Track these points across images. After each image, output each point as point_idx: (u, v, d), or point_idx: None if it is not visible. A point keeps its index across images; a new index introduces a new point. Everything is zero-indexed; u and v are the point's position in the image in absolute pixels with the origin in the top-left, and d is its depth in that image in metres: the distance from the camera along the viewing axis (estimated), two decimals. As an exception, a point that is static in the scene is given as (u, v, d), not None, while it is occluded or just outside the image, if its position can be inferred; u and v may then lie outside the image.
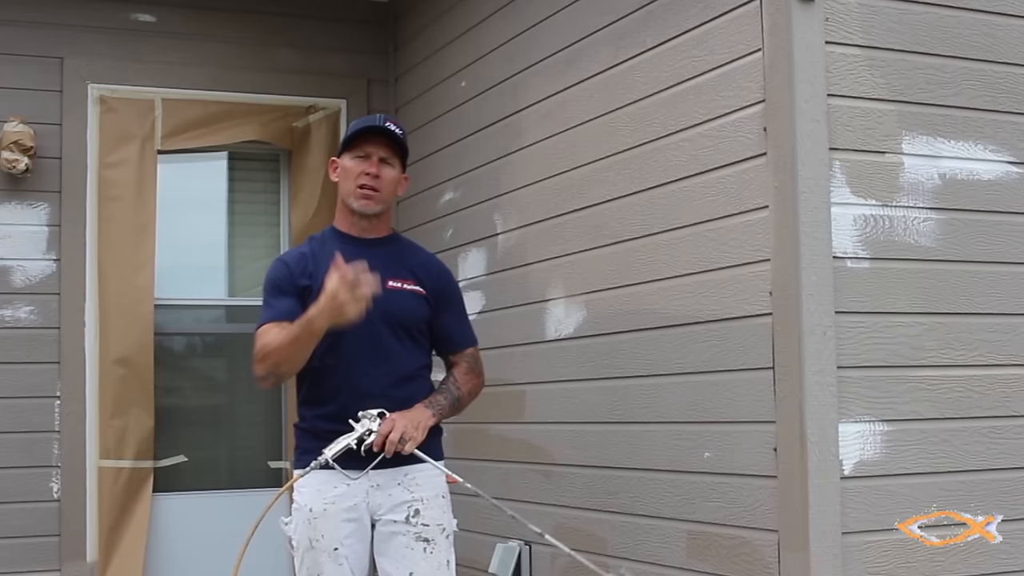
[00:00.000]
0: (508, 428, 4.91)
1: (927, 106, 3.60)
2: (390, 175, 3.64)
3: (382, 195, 3.63)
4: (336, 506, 3.50)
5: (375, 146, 3.62)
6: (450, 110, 5.54)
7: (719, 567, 3.70)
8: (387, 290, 3.54)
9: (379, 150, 3.62)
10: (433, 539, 3.55)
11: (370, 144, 3.62)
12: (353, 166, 3.62)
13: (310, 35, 6.12)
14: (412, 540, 3.52)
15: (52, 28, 5.70)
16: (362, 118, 3.84)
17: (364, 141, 3.62)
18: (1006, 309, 3.65)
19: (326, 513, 3.50)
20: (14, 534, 5.46)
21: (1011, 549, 3.58)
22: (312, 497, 3.52)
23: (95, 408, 5.61)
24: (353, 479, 3.48)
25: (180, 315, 6.05)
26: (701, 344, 3.80)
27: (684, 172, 3.88)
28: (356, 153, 3.62)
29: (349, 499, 3.51)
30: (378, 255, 3.60)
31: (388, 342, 3.58)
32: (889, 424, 3.46)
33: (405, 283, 3.63)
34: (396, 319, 3.59)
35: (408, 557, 3.51)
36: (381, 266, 3.52)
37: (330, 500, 3.50)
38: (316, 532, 3.50)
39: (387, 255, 3.65)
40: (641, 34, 4.11)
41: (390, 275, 3.59)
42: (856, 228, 3.48)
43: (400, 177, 3.69)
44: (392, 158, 3.64)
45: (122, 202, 5.71)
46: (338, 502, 3.50)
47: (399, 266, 3.66)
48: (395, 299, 3.59)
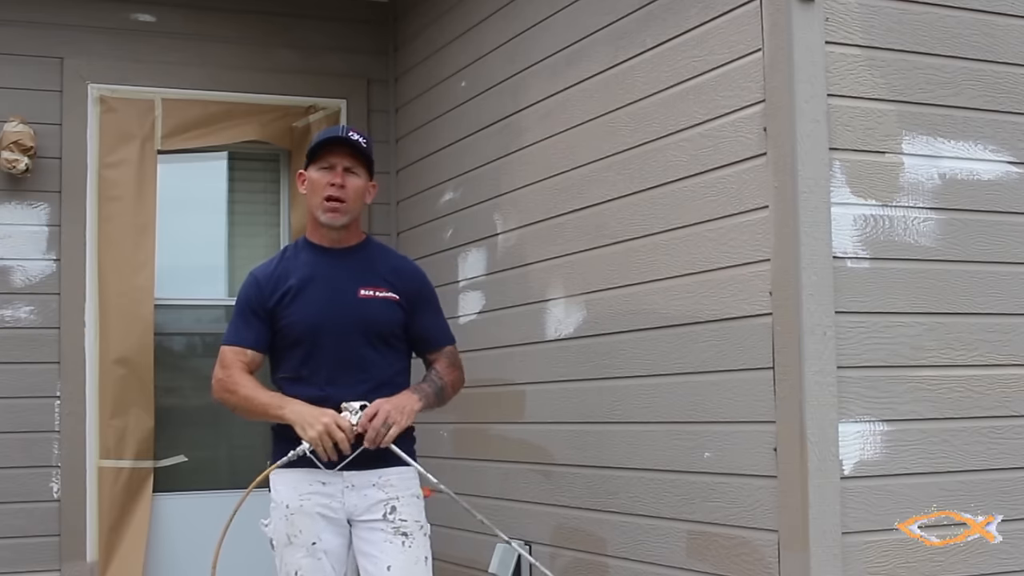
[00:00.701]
0: (508, 428, 4.91)
1: (927, 106, 3.60)
2: (356, 184, 3.69)
3: (348, 205, 3.68)
4: (312, 502, 3.57)
5: (339, 156, 3.68)
6: (450, 110, 5.53)
7: (719, 567, 3.70)
8: (359, 299, 3.65)
9: (343, 160, 3.68)
10: (411, 534, 3.59)
11: (334, 155, 3.68)
12: (319, 178, 3.68)
13: (310, 35, 6.12)
14: (391, 535, 3.57)
15: (52, 28, 5.70)
16: (324, 130, 3.91)
17: (328, 152, 3.69)
18: (1006, 309, 3.65)
19: (302, 509, 3.56)
20: (14, 534, 5.46)
21: (1011, 549, 3.58)
22: (288, 494, 3.59)
23: (95, 408, 5.61)
24: (326, 480, 3.56)
25: (180, 315, 6.05)
26: (701, 344, 3.80)
27: (684, 172, 3.88)
28: (321, 165, 3.69)
29: (325, 497, 3.58)
30: (349, 265, 3.70)
31: (364, 351, 3.64)
32: (889, 424, 3.46)
33: (377, 291, 3.69)
34: (370, 327, 3.65)
35: (386, 550, 3.56)
36: (353, 276, 3.67)
37: (306, 496, 3.57)
38: (294, 528, 3.56)
39: (358, 264, 3.73)
40: (641, 34, 4.11)
41: (362, 284, 3.68)
42: (856, 228, 3.48)
43: (367, 185, 3.74)
44: (357, 167, 3.70)
45: (122, 202, 5.71)
46: (314, 498, 3.57)
47: (371, 274, 3.72)
48: (368, 308, 3.66)
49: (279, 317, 3.65)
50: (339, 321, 3.62)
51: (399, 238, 6.07)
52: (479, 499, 5.02)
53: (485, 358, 5.09)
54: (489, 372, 5.05)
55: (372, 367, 3.64)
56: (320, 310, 3.63)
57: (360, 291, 3.66)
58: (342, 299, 3.65)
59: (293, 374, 3.65)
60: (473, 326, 5.23)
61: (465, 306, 5.31)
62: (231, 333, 3.74)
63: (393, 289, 3.71)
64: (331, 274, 3.68)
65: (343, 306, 3.64)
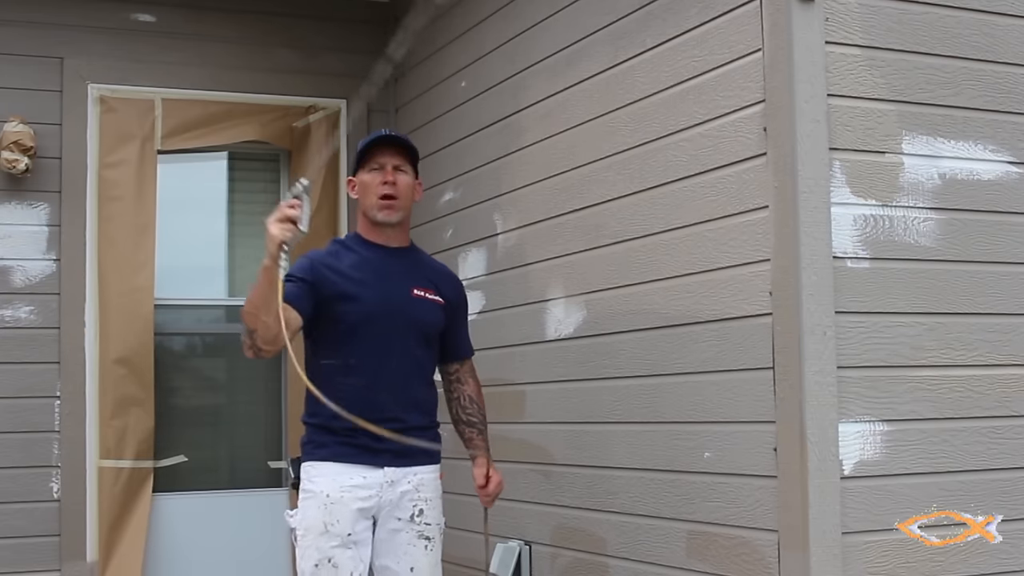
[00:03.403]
0: (508, 428, 4.90)
1: (927, 106, 3.60)
2: (406, 180, 3.80)
3: (402, 202, 3.78)
4: (352, 495, 3.63)
5: (387, 156, 3.78)
6: (450, 110, 5.53)
7: (719, 567, 3.70)
8: (412, 297, 3.77)
9: (392, 159, 3.78)
10: (433, 538, 3.75)
11: (382, 155, 3.78)
12: (370, 179, 3.77)
13: (310, 35, 6.11)
14: (415, 537, 3.71)
15: (52, 28, 5.70)
16: (370, 134, 3.95)
17: (376, 153, 3.78)
18: (1006, 309, 3.65)
19: (343, 500, 3.62)
20: (14, 534, 5.46)
21: (1011, 549, 3.58)
22: (329, 484, 3.63)
23: (95, 408, 5.61)
24: (367, 474, 3.62)
25: (180, 315, 6.04)
26: (701, 344, 3.80)
27: (684, 172, 3.88)
28: (370, 167, 3.78)
29: (364, 490, 3.64)
30: (402, 264, 3.81)
31: (411, 346, 3.75)
32: (889, 424, 3.46)
33: (427, 293, 3.81)
34: (419, 326, 3.77)
35: (410, 553, 3.70)
36: (406, 275, 3.78)
37: (347, 488, 3.63)
38: (332, 517, 3.60)
39: (410, 264, 3.85)
40: (641, 34, 4.11)
41: (414, 284, 3.79)
42: (856, 228, 3.48)
43: (415, 183, 3.84)
44: (405, 164, 3.80)
45: (122, 202, 5.70)
46: (355, 491, 3.63)
47: (421, 276, 3.84)
48: (420, 307, 3.78)
49: (332, 302, 3.66)
50: (393, 315, 3.70)
51: (399, 238, 6.07)
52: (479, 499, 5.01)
53: (485, 358, 5.08)
54: (489, 372, 5.04)
55: (416, 363, 3.76)
56: (376, 302, 3.69)
57: (413, 290, 3.77)
58: (397, 295, 3.73)
59: (340, 361, 3.68)
60: (473, 326, 5.20)
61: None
62: None
63: (439, 293, 3.84)
64: (386, 270, 3.76)
65: (397, 301, 3.72)
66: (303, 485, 3.69)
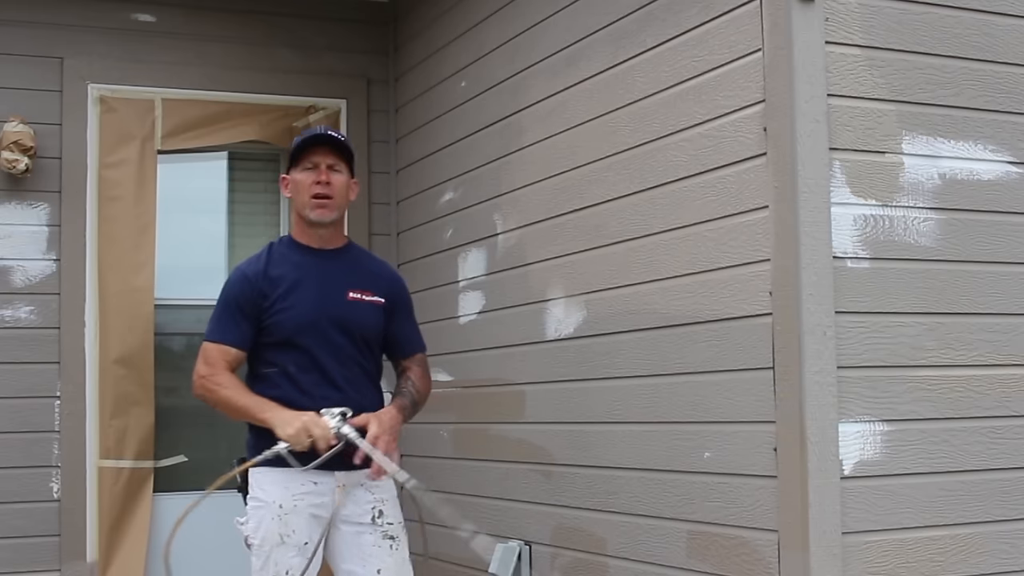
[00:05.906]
0: (508, 428, 4.90)
1: (927, 106, 3.60)
2: (340, 180, 3.76)
3: (336, 201, 3.75)
4: (305, 502, 3.60)
5: (321, 155, 3.74)
6: (450, 110, 5.53)
7: (719, 567, 3.70)
8: (349, 301, 3.72)
9: (326, 158, 3.74)
10: (397, 536, 3.70)
11: (316, 154, 3.74)
12: (303, 178, 3.74)
13: (310, 35, 6.12)
14: (379, 538, 3.66)
15: (52, 28, 5.70)
16: (304, 131, 3.95)
17: (310, 152, 3.74)
18: (1006, 309, 3.65)
19: (296, 509, 3.59)
20: (14, 534, 5.46)
21: (1011, 549, 3.58)
22: (280, 493, 3.60)
23: (95, 408, 5.61)
24: (318, 480, 3.60)
25: (180, 315, 6.04)
26: (701, 344, 3.80)
27: (684, 172, 3.88)
28: (304, 165, 3.75)
29: (317, 497, 3.61)
30: (337, 267, 3.76)
31: (350, 352, 3.71)
32: (889, 424, 3.46)
33: (364, 294, 3.77)
34: (358, 330, 3.73)
35: (375, 555, 3.65)
36: (341, 278, 3.73)
37: (299, 496, 3.60)
38: (287, 528, 3.58)
39: (345, 267, 3.79)
40: (641, 34, 4.11)
41: (350, 287, 3.74)
42: (856, 228, 3.48)
43: (350, 182, 3.80)
44: (339, 164, 3.77)
45: (122, 202, 5.71)
46: (307, 498, 3.60)
47: (357, 278, 3.79)
48: (357, 310, 3.74)
49: (268, 314, 3.68)
50: (329, 322, 3.67)
51: (399, 238, 6.07)
52: (479, 499, 5.02)
53: (485, 358, 5.09)
54: (489, 372, 5.05)
55: (356, 368, 3.71)
56: (311, 310, 3.67)
57: (349, 293, 3.73)
58: (332, 300, 3.70)
59: (278, 370, 3.67)
60: (473, 326, 5.23)
61: (465, 306, 5.31)
62: (216, 330, 3.74)
63: (378, 293, 3.79)
64: (320, 275, 3.73)
65: (333, 307, 3.69)
66: (253, 493, 3.65)
